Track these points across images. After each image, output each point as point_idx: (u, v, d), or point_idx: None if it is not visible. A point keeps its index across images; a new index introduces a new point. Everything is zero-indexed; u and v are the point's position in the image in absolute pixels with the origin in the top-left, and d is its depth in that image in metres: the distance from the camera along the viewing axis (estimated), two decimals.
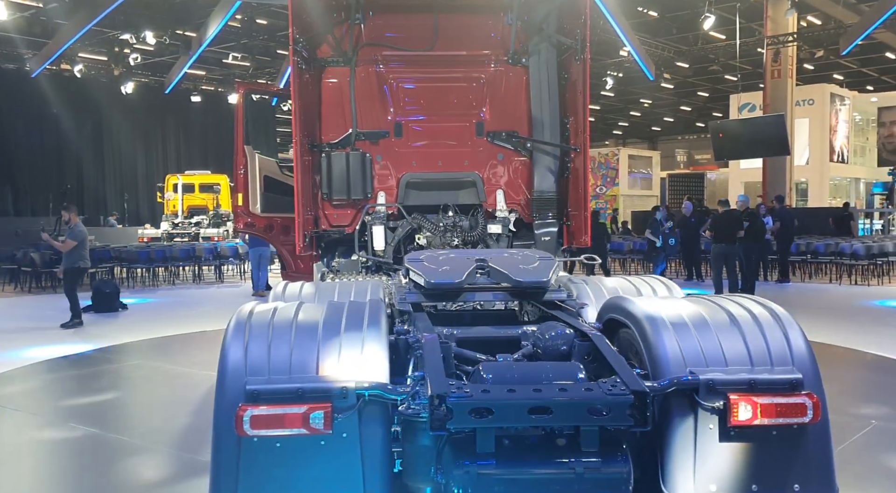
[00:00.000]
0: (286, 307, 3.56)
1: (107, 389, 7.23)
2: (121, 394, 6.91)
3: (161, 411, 6.22)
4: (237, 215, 8.29)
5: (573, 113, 7.06)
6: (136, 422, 5.91)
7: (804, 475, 2.99)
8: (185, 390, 6.96)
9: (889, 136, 35.46)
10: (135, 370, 7.93)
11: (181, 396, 6.77)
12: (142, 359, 8.62)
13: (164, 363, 8.31)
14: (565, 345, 3.61)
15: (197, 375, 7.62)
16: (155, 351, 9.15)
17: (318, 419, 2.91)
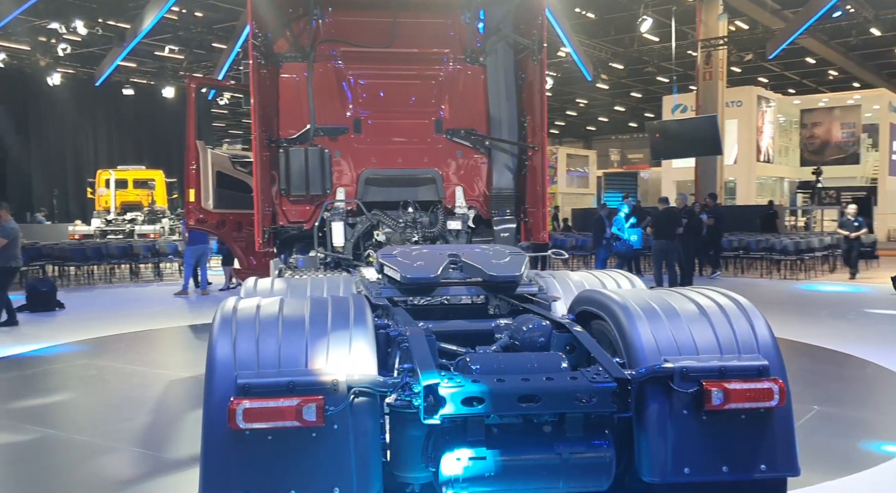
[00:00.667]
0: (270, 302, 3.57)
1: (58, 389, 7.04)
2: (74, 394, 6.73)
3: (119, 410, 6.10)
4: (189, 212, 8.17)
5: (530, 112, 7.23)
6: (95, 422, 5.78)
7: (770, 457, 3.17)
8: (141, 390, 6.84)
9: (811, 137, 37.12)
10: (84, 370, 7.73)
11: (138, 395, 6.64)
12: (89, 358, 8.39)
13: (114, 362, 8.12)
14: (543, 337, 3.73)
15: (150, 373, 7.49)
16: (102, 350, 8.92)
17: (310, 412, 2.95)
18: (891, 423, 5.81)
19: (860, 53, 34.53)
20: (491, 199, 7.32)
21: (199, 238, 14.15)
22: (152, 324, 10.52)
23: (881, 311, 11.36)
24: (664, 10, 24.58)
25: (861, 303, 12.32)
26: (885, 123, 34.05)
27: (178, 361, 8.14)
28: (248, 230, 8.42)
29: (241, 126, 51.66)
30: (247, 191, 8.44)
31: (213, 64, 29.14)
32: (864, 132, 35.81)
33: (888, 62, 36.49)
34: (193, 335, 9.80)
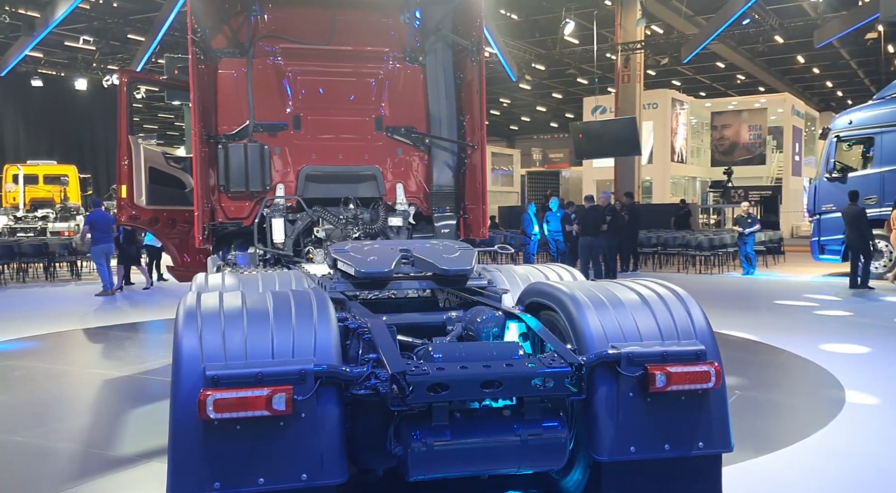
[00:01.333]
0: (233, 296, 3.63)
1: None
2: (2, 396, 6.49)
3: (53, 410, 5.94)
4: (121, 208, 8.01)
5: (469, 111, 7.42)
6: (30, 423, 5.60)
7: (707, 434, 3.45)
8: (74, 389, 6.68)
9: (721, 138, 38.80)
10: (10, 372, 7.45)
11: (70, 394, 6.49)
12: (13, 359, 8.09)
13: (41, 363, 7.86)
14: (497, 327, 3.92)
15: (81, 373, 7.32)
16: (25, 351, 8.60)
17: (280, 401, 3.05)
18: (803, 405, 6.27)
19: (765, 59, 36.37)
20: (431, 196, 7.47)
21: (103, 237, 13.75)
22: (75, 324, 10.21)
23: (789, 302, 12.11)
24: (586, 14, 25.29)
25: (770, 295, 13.08)
26: (788, 125, 35.94)
27: (107, 360, 7.96)
28: (181, 227, 8.32)
29: (157, 121, 50.14)
30: (180, 187, 8.34)
31: (129, 56, 28.21)
32: (769, 134, 37.68)
33: (790, 68, 38.55)
34: (120, 335, 9.57)
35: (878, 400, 6.12)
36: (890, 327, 9.71)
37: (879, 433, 5.27)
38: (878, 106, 15.08)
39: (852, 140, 15.16)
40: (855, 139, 15.09)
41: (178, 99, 9.00)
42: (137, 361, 7.85)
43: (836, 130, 15.26)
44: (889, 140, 14.44)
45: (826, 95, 48.36)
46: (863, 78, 41.22)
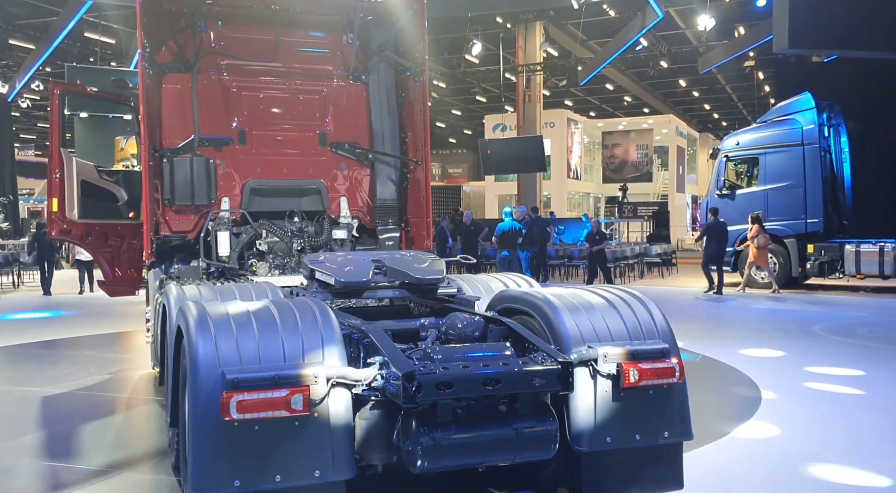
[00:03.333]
0: (237, 305, 3.80)
1: None
2: None
3: (3, 431, 5.77)
4: (52, 221, 7.81)
5: (411, 128, 7.74)
6: None
7: (671, 424, 3.85)
8: (15, 407, 6.43)
9: (611, 156, 40.83)
10: None
11: (14, 413, 6.24)
12: None
13: None
14: (477, 331, 4.22)
15: (15, 391, 7.07)
16: None
17: (298, 402, 3.27)
18: (722, 402, 6.91)
19: (650, 82, 38.63)
20: (375, 209, 7.73)
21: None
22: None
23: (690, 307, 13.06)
24: (489, 36, 26.14)
25: (675, 301, 14.02)
26: (673, 145, 38.25)
27: (40, 377, 7.72)
28: (114, 241, 8.20)
29: (35, 131, 47.51)
30: (113, 201, 8.22)
31: (13, 63, 26.83)
32: (655, 153, 39.96)
33: (673, 91, 41.05)
34: (42, 351, 9.26)
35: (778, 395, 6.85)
36: (754, 325, 10.71)
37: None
38: (761, 129, 16.49)
39: (739, 160, 16.46)
40: (742, 159, 16.41)
41: (109, 112, 8.86)
42: (71, 377, 7.64)
43: (725, 151, 16.56)
44: (772, 160, 15.81)
45: (704, 117, 51.66)
46: (736, 102, 44.34)
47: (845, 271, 14.99)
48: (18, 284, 17.87)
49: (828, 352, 9.02)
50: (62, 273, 18.74)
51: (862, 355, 8.85)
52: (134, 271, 8.43)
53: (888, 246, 14.41)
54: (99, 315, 12.73)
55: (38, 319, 12.65)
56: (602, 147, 41.21)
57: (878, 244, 14.52)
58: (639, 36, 22.16)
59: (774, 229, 15.71)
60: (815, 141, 15.29)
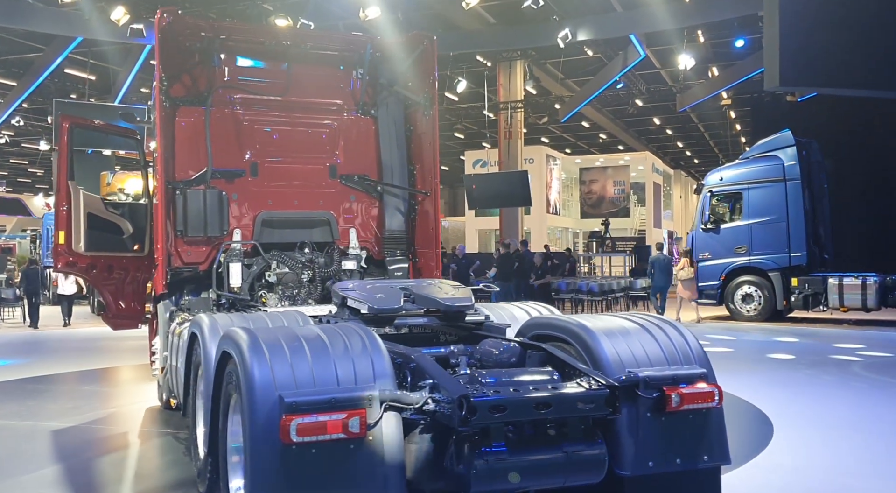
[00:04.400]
0: (287, 330, 3.83)
1: None
2: None
3: (17, 463, 5.61)
4: (58, 254, 7.74)
5: (419, 160, 7.85)
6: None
7: (710, 449, 3.89)
8: (24, 443, 6.30)
9: (589, 192, 41.37)
10: None
11: (24, 448, 6.11)
12: None
13: None
14: (514, 357, 4.28)
15: (20, 426, 6.94)
16: None
17: (355, 425, 3.30)
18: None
19: (624, 120, 39.41)
20: (384, 240, 7.79)
21: None
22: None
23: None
24: (471, 74, 26.56)
25: None
26: (649, 181, 38.88)
27: (44, 411, 7.60)
28: (118, 274, 8.15)
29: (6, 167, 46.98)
30: (118, 233, 8.19)
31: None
32: (631, 190, 40.58)
33: (647, 129, 41.89)
34: (39, 386, 9.10)
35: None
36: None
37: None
38: (744, 164, 16.90)
39: (723, 195, 16.81)
40: (725, 194, 16.77)
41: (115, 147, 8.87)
42: (75, 411, 7.53)
43: (710, 186, 16.92)
44: (755, 195, 16.19)
45: (677, 154, 52.64)
46: (708, 139, 45.31)
47: (829, 304, 15.28)
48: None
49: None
50: (45, 309, 18.48)
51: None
52: (137, 304, 8.36)
53: (870, 280, 14.76)
54: (84, 350, 12.58)
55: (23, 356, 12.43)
56: (580, 183, 41.75)
57: (861, 278, 14.86)
58: (621, 74, 22.70)
59: (759, 263, 16.03)
60: (797, 177, 15.71)
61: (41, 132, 30.86)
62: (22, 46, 23.64)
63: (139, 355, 11.18)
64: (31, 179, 52.25)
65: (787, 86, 9.92)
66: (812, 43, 9.18)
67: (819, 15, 9.21)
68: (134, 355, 11.47)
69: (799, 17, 9.08)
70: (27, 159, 43.45)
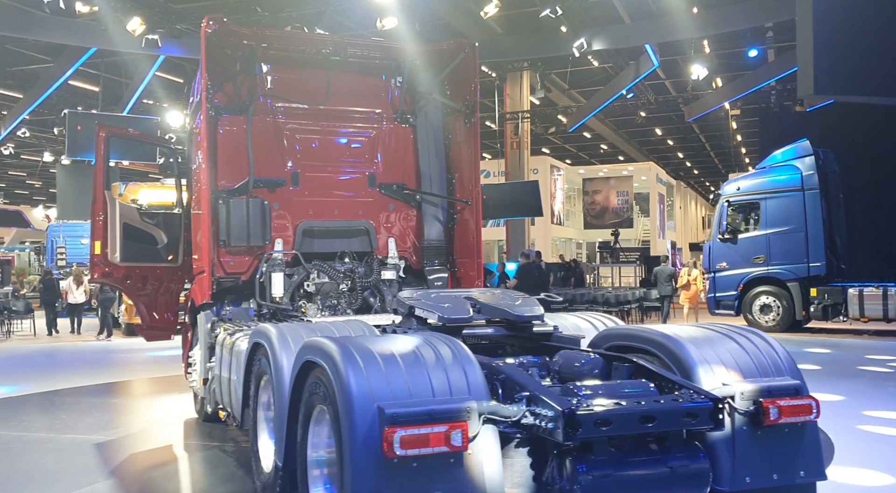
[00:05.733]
0: (376, 340, 3.72)
1: None
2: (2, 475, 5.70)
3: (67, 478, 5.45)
4: (94, 265, 7.63)
5: (458, 169, 7.76)
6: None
7: (806, 464, 3.76)
8: (68, 457, 6.15)
9: (592, 203, 41.35)
10: None
11: (74, 461, 6.00)
12: None
13: (6, 431, 7.16)
14: (596, 369, 4.15)
15: (61, 439, 6.79)
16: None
17: (457, 437, 3.18)
18: None
19: (626, 131, 39.49)
20: (422, 250, 7.69)
21: None
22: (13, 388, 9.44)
23: None
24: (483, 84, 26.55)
25: None
26: (654, 192, 38.88)
27: (80, 424, 7.47)
28: (152, 284, 8.04)
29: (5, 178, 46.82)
30: (152, 244, 8.07)
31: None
32: (634, 200, 40.59)
33: (647, 140, 41.99)
34: (68, 398, 8.96)
35: None
36: None
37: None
38: (761, 174, 16.86)
39: (740, 204, 16.75)
40: (742, 204, 16.71)
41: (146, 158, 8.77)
42: (112, 424, 7.41)
43: (727, 196, 16.88)
44: (773, 205, 16.14)
45: (677, 165, 52.77)
46: (709, 150, 45.45)
47: (848, 315, 15.21)
48: (9, 332, 17.35)
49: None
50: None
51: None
52: (170, 315, 8.25)
53: (892, 289, 14.69)
54: (100, 362, 12.48)
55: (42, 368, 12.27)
56: (583, 193, 41.75)
57: (882, 287, 14.80)
58: (633, 83, 22.68)
59: (777, 273, 15.96)
60: (815, 186, 15.68)
61: (45, 144, 30.73)
62: (25, 58, 23.56)
63: (157, 367, 11.13)
64: (28, 191, 52.08)
65: (821, 93, 9.89)
66: (846, 51, 9.14)
67: (853, 23, 9.18)
68: (152, 367, 11.38)
69: (832, 24, 9.05)
70: (26, 171, 43.28)
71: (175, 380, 9.80)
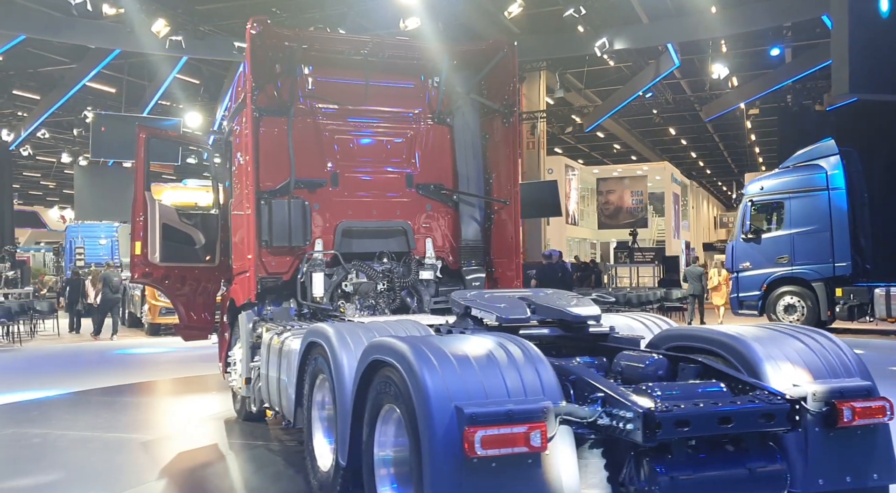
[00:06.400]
0: (446, 339, 3.71)
1: (22, 465, 5.94)
2: (59, 473, 5.66)
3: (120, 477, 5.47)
4: (134, 265, 7.67)
5: (495, 169, 7.75)
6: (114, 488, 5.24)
7: (879, 466, 3.70)
8: (121, 455, 6.20)
9: (606, 203, 41.23)
10: (26, 440, 6.74)
11: (125, 460, 6.02)
12: (13, 427, 7.40)
13: (52, 430, 7.18)
14: (661, 370, 4.12)
15: (109, 438, 6.82)
16: (15, 418, 7.89)
17: (537, 438, 3.16)
18: None
19: (640, 130, 39.34)
20: (460, 250, 7.68)
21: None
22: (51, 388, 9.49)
23: None
24: None
25: None
26: (669, 191, 38.74)
27: (121, 424, 7.52)
28: (191, 284, 8.07)
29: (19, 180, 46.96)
30: (190, 244, 8.11)
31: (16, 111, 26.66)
32: (648, 200, 40.43)
33: (661, 139, 41.82)
34: (104, 397, 9.02)
35: None
36: None
37: None
38: (785, 174, 16.73)
39: (764, 204, 16.65)
40: (766, 203, 16.61)
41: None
42: (154, 423, 7.46)
43: (750, 195, 16.79)
44: (797, 204, 16.03)
45: (689, 165, 52.51)
46: (723, 150, 45.22)
47: (875, 315, 15.10)
48: (34, 332, 17.44)
49: None
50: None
51: None
52: (207, 315, 8.29)
53: None
54: (126, 362, 12.58)
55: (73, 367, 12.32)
56: (597, 193, 41.64)
57: None
58: (654, 83, 22.59)
59: (802, 273, 15.86)
60: (840, 186, 15.57)
61: (62, 146, 30.86)
62: (46, 60, 23.66)
63: (181, 368, 11.21)
64: (42, 191, 52.31)
65: (856, 92, 9.84)
66: (881, 50, 9.09)
67: (887, 22, 9.13)
68: (177, 367, 11.43)
69: (867, 24, 9.00)
70: (40, 172, 43.46)
71: (204, 379, 9.90)
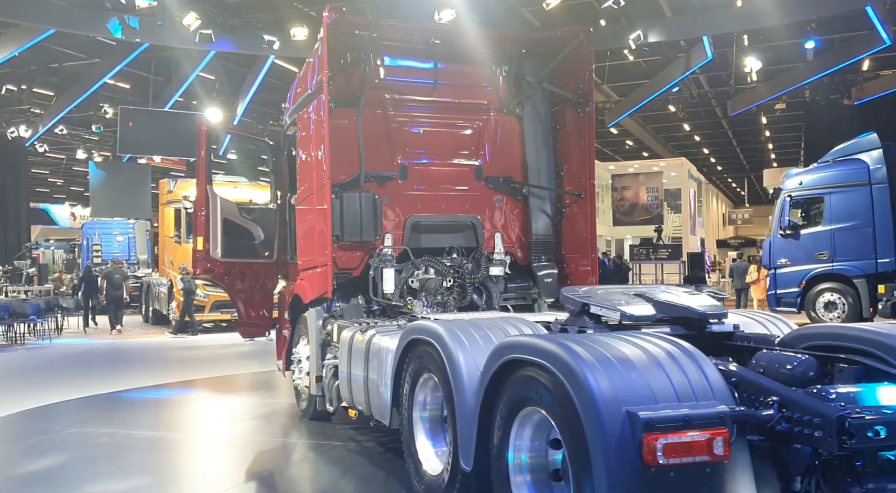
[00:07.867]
0: (598, 338, 3.47)
1: (102, 464, 5.84)
2: (143, 478, 5.50)
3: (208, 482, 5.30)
4: (196, 260, 7.46)
5: (567, 161, 7.50)
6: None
7: None
8: (194, 456, 6.03)
9: (621, 199, 40.92)
10: (94, 439, 6.57)
11: (203, 462, 5.86)
12: (79, 425, 7.21)
13: (110, 428, 7.03)
14: (811, 371, 3.85)
15: (177, 438, 6.65)
16: (83, 415, 7.77)
17: (719, 446, 2.92)
18: None
19: (654, 126, 39.04)
20: (531, 245, 7.46)
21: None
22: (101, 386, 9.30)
23: None
24: None
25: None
26: (686, 188, 38.43)
27: (177, 422, 7.37)
28: (250, 281, 7.88)
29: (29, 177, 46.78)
30: (250, 240, 7.91)
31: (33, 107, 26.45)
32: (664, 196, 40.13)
33: (674, 136, 41.51)
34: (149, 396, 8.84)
35: None
36: None
37: None
38: (825, 168, 16.41)
39: (803, 199, 16.34)
40: (805, 198, 16.31)
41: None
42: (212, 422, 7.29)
43: (788, 190, 16.49)
44: (837, 200, 15.73)
45: (701, 162, 52.21)
46: (735, 146, 44.91)
47: None
48: (60, 329, 17.27)
49: None
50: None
51: None
52: (265, 312, 8.09)
53: None
54: (161, 360, 12.52)
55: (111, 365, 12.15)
56: (611, 190, 41.32)
57: None
58: (684, 76, 22.27)
59: (843, 269, 15.59)
60: (883, 180, 15.27)
61: (77, 142, 30.64)
62: (65, 56, 23.41)
63: (217, 365, 11.02)
64: (49, 188, 52.11)
65: None
66: None
67: None
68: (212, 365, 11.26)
69: None
70: (48, 169, 43.25)
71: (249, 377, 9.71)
